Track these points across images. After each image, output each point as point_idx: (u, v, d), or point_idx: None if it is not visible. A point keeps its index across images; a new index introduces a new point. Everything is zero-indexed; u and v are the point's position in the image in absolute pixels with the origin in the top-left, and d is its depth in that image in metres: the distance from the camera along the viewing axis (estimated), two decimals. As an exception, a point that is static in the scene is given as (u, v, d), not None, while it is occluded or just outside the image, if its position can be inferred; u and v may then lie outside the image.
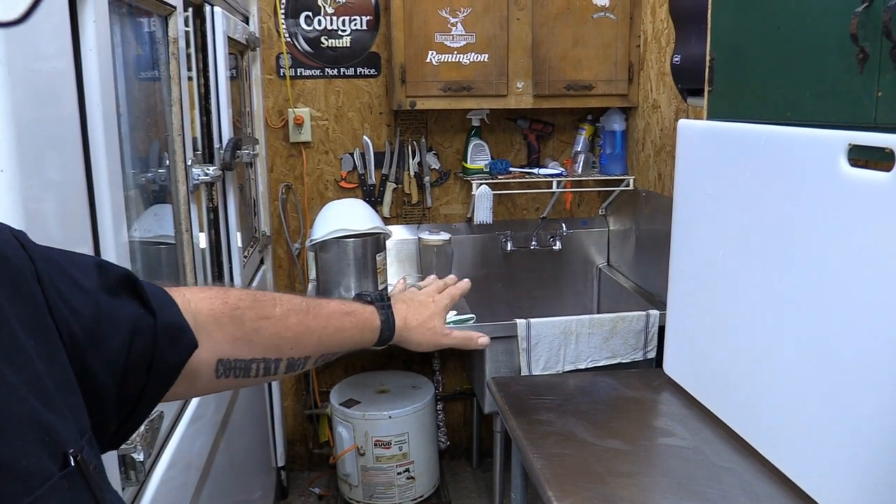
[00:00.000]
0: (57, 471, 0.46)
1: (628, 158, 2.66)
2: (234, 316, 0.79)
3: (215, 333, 0.77)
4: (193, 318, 0.74)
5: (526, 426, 1.45)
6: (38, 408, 0.47)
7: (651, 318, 2.14)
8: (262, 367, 0.82)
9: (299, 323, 0.86)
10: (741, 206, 1.33)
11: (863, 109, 1.06)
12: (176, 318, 0.70)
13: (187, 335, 0.71)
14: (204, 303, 0.77)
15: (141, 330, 0.64)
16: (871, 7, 1.02)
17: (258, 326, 0.82)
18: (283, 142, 2.68)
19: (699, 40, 1.72)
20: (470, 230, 2.78)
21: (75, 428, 0.50)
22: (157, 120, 1.37)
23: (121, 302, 0.64)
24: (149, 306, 0.66)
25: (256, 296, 0.85)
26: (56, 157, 0.83)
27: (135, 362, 0.63)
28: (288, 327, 0.85)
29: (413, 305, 1.03)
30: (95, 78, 0.92)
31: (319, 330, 0.88)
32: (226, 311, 0.79)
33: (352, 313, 0.94)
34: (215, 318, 0.77)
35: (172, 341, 0.68)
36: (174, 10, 1.35)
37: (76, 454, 0.48)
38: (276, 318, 0.84)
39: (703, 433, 1.40)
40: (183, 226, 1.41)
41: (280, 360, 0.84)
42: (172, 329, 0.69)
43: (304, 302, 0.89)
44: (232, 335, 0.79)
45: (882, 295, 0.98)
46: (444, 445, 2.85)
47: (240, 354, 0.80)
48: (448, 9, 2.41)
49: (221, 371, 0.78)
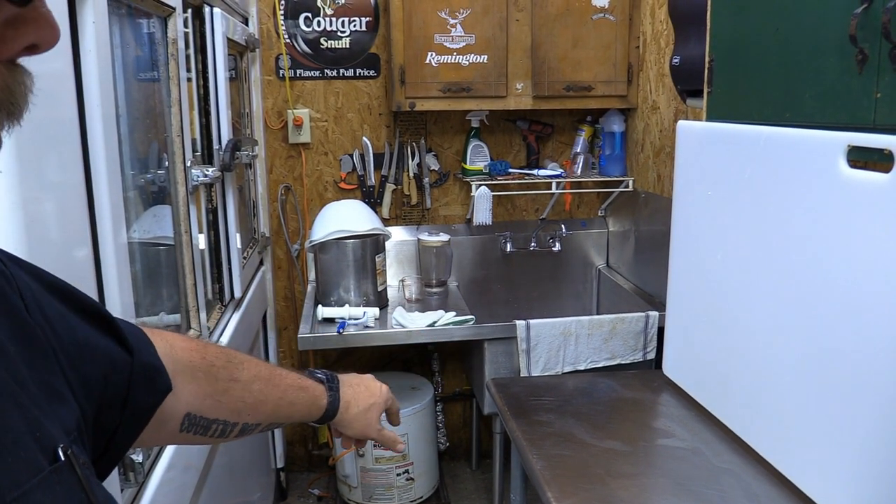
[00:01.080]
0: (47, 465, 0.46)
1: (627, 159, 2.66)
2: (209, 372, 0.80)
3: (190, 385, 0.76)
4: (174, 364, 0.73)
5: (525, 427, 1.45)
6: (27, 403, 0.47)
7: (650, 319, 2.14)
8: (220, 429, 0.82)
9: (261, 391, 0.86)
10: (740, 208, 1.33)
11: (862, 111, 1.06)
12: (152, 359, 0.69)
13: (163, 377, 0.70)
14: (185, 353, 0.77)
15: (117, 366, 0.64)
16: (870, 8, 1.02)
17: (227, 388, 0.82)
18: (282, 143, 2.68)
19: (698, 41, 1.72)
20: (469, 231, 2.78)
21: (62, 427, 0.50)
22: (156, 121, 1.37)
23: (98, 335, 0.63)
24: (125, 344, 0.66)
25: (230, 356, 0.85)
26: (55, 158, 0.83)
27: (110, 398, 0.62)
28: (251, 393, 0.85)
29: (359, 392, 1.06)
30: (94, 79, 0.92)
31: (276, 400, 0.89)
32: (202, 367, 0.79)
33: (305, 388, 0.96)
34: (192, 370, 0.77)
35: (148, 382, 0.68)
36: (173, 12, 1.35)
37: (66, 449, 0.48)
38: (242, 382, 0.84)
39: (703, 434, 1.40)
40: (182, 227, 1.41)
41: (237, 424, 0.84)
42: (148, 370, 0.68)
43: (267, 370, 0.90)
44: (203, 391, 0.79)
45: (881, 295, 0.98)
46: (444, 446, 2.85)
47: (205, 412, 0.79)
48: (447, 10, 2.41)
49: (186, 425, 0.77)
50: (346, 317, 2.21)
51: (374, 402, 1.07)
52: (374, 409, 1.07)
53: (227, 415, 0.82)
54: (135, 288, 1.07)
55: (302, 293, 2.76)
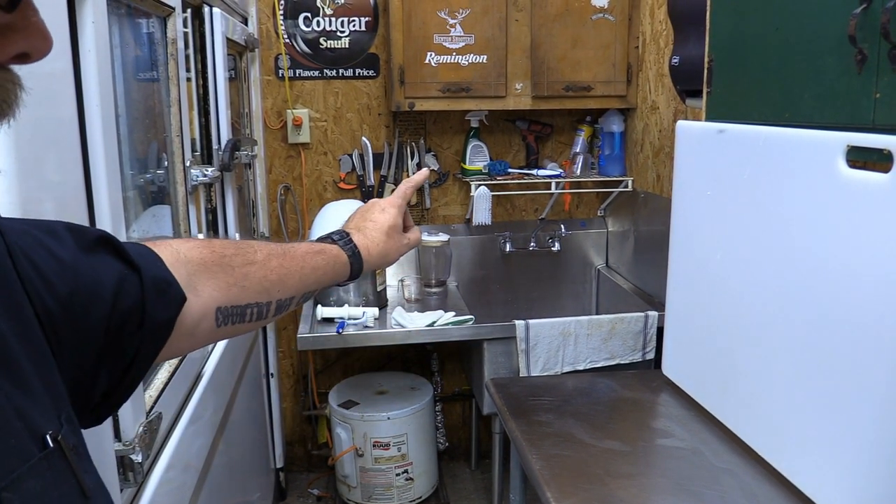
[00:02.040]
0: (37, 451, 0.46)
1: (627, 160, 2.66)
2: (222, 263, 0.80)
3: (209, 282, 0.77)
4: (186, 266, 0.74)
5: (525, 427, 1.45)
6: (13, 392, 0.47)
7: (650, 319, 2.14)
8: (256, 312, 0.84)
9: (280, 266, 0.87)
10: (740, 208, 1.33)
11: (861, 111, 1.06)
12: (161, 273, 0.69)
13: (174, 288, 0.70)
14: (194, 252, 0.77)
15: (125, 288, 0.63)
16: (869, 8, 1.02)
17: (246, 272, 0.83)
18: (281, 143, 2.68)
19: (698, 41, 1.72)
20: (469, 231, 2.78)
21: (52, 408, 0.50)
22: (155, 121, 1.37)
23: (101, 261, 0.63)
24: (132, 263, 0.65)
25: (238, 244, 0.86)
26: (54, 158, 0.83)
27: (122, 323, 0.63)
28: (272, 269, 0.86)
29: (368, 231, 1.04)
30: (94, 79, 0.92)
31: (298, 270, 0.90)
32: (214, 260, 0.79)
33: (321, 251, 0.96)
34: (206, 266, 0.78)
35: (160, 295, 0.67)
36: (173, 11, 1.35)
37: (55, 435, 0.48)
38: (259, 262, 0.85)
39: (702, 434, 1.40)
40: (181, 227, 1.41)
41: (270, 302, 0.86)
42: (159, 283, 0.68)
43: (279, 246, 0.91)
44: (225, 282, 0.79)
45: (880, 295, 0.98)
46: (443, 446, 2.85)
47: (234, 300, 0.80)
48: (447, 10, 2.41)
49: (221, 319, 0.78)
50: (346, 317, 2.21)
51: (384, 225, 1.05)
52: (391, 235, 1.05)
53: (257, 296, 0.83)
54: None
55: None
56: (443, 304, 2.47)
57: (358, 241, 1.01)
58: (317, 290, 0.97)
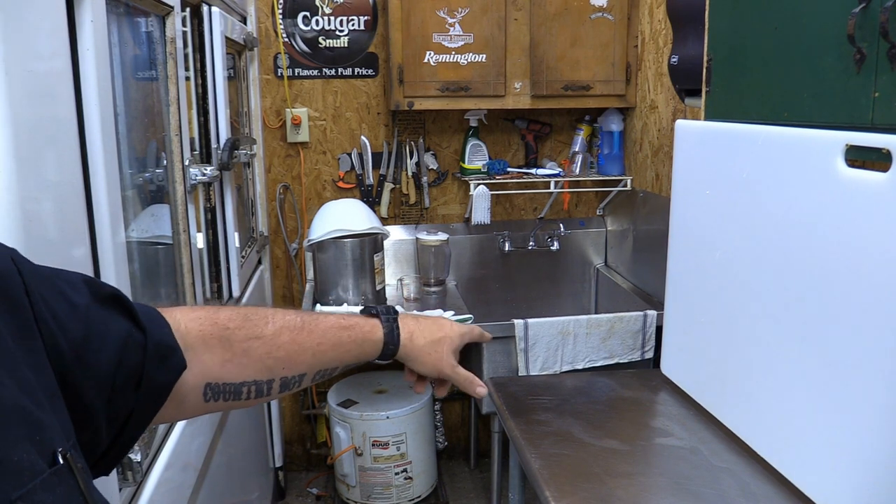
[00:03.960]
0: (47, 467, 0.47)
1: (626, 159, 2.66)
2: (222, 337, 0.78)
3: (204, 356, 0.75)
4: (183, 339, 0.73)
5: (524, 426, 1.45)
6: (29, 406, 0.47)
7: (648, 318, 2.14)
8: (254, 390, 0.81)
9: (292, 341, 0.83)
10: (738, 207, 1.33)
11: (860, 110, 1.06)
12: (166, 338, 0.69)
13: (177, 355, 0.70)
14: (194, 323, 0.76)
15: (130, 347, 0.64)
16: (868, 8, 1.02)
17: (247, 347, 0.79)
18: (280, 142, 2.68)
19: (697, 41, 1.72)
20: (468, 230, 2.78)
21: (62, 431, 0.50)
22: (154, 120, 1.37)
23: (111, 317, 0.63)
24: (139, 324, 0.66)
25: (247, 314, 0.82)
26: (53, 157, 0.83)
27: (123, 380, 0.63)
28: (279, 346, 0.82)
29: (424, 324, 0.98)
30: (93, 78, 0.92)
31: (313, 347, 0.85)
32: (215, 333, 0.77)
33: (350, 327, 0.90)
34: (204, 339, 0.76)
35: (162, 360, 0.68)
36: (171, 10, 1.35)
37: (65, 452, 0.48)
38: (266, 337, 0.81)
39: (701, 433, 1.40)
40: (180, 226, 1.41)
41: (272, 380, 0.82)
42: (162, 348, 0.68)
43: (300, 318, 0.86)
44: (221, 358, 0.77)
45: (879, 295, 0.98)
46: (442, 446, 2.85)
47: (229, 377, 0.78)
48: (446, 9, 2.41)
49: (210, 395, 0.77)
50: (345, 316, 2.21)
51: (445, 336, 0.98)
52: (445, 342, 0.98)
53: (256, 374, 0.80)
54: (133, 287, 1.07)
55: (300, 292, 2.76)
56: (442, 303, 2.47)
57: (404, 323, 0.94)
58: (338, 369, 0.91)
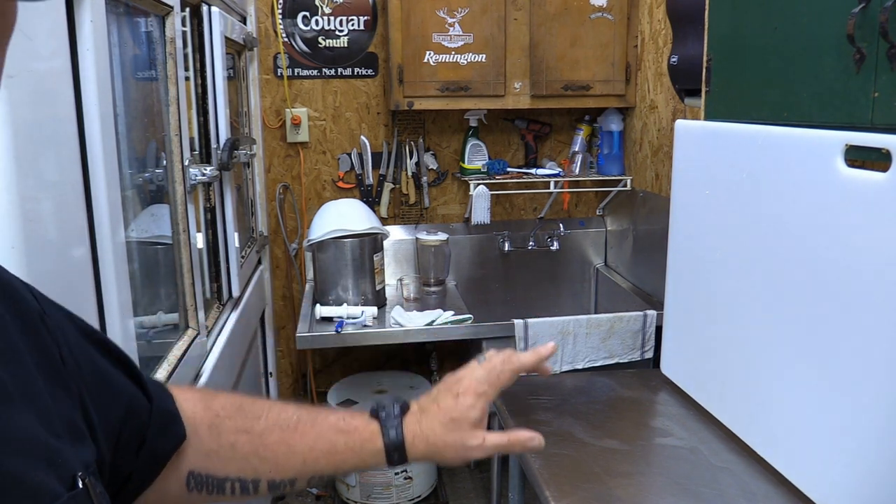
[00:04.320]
0: (65, 491, 0.47)
1: (626, 159, 2.66)
2: (212, 425, 0.73)
3: (192, 439, 0.71)
4: None
5: (523, 426, 1.45)
6: (47, 434, 0.48)
7: (648, 318, 2.14)
8: (238, 487, 0.74)
9: (281, 441, 0.76)
10: (738, 207, 1.33)
11: (859, 110, 1.06)
12: (170, 407, 0.69)
13: (178, 425, 0.69)
14: (187, 404, 0.73)
15: (136, 410, 0.64)
16: (867, 8, 1.02)
17: (234, 441, 0.74)
18: (280, 142, 2.68)
19: (696, 41, 1.72)
20: (467, 230, 2.78)
21: (81, 462, 0.51)
22: (154, 120, 1.37)
23: (122, 379, 0.64)
24: (146, 390, 0.66)
25: (242, 404, 0.77)
26: (53, 156, 0.83)
27: (127, 438, 0.62)
28: (266, 446, 0.75)
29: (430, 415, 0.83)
30: (92, 78, 0.92)
31: (304, 452, 0.77)
32: (205, 419, 0.73)
33: (349, 432, 0.80)
34: (193, 424, 0.72)
35: (164, 428, 0.67)
36: (171, 10, 1.35)
37: (84, 477, 0.49)
38: (255, 433, 0.75)
39: (701, 433, 1.41)
40: (180, 226, 1.41)
41: (259, 480, 0.75)
42: (165, 416, 0.68)
43: (296, 415, 0.78)
44: (207, 447, 0.72)
45: (879, 295, 0.98)
46: (442, 446, 2.85)
47: (212, 470, 0.73)
48: (446, 9, 2.41)
49: (193, 485, 0.72)
50: (345, 316, 2.21)
51: (456, 417, 0.82)
52: (458, 425, 0.83)
53: (240, 471, 0.74)
54: (133, 287, 1.07)
55: (300, 292, 2.75)
56: (442, 303, 2.47)
57: (408, 425, 0.81)
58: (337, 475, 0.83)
